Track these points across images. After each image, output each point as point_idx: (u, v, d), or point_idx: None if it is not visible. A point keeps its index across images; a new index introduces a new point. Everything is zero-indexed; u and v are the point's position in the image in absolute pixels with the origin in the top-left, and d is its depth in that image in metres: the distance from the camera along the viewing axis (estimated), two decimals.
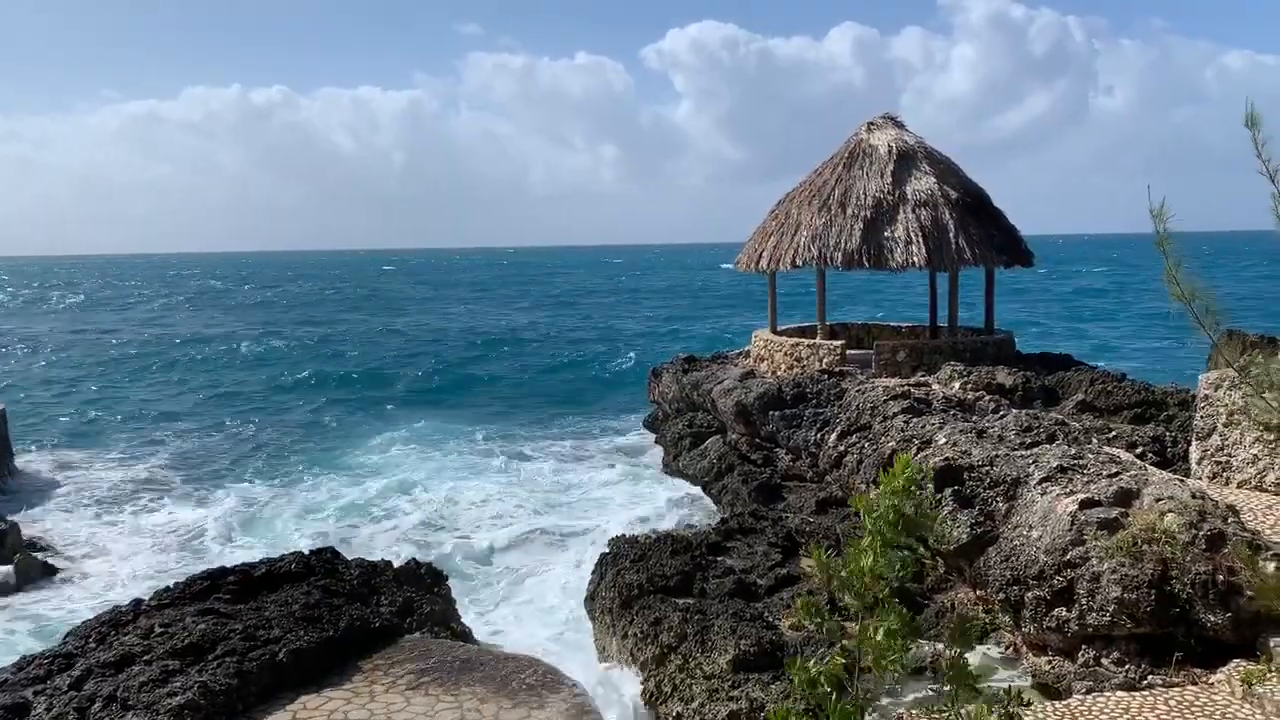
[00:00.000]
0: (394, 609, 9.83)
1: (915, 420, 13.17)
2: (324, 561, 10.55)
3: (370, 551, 15.55)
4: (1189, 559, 8.00)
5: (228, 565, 10.60)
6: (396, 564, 11.35)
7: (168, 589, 9.87)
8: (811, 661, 3.91)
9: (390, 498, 21.04)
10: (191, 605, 9.30)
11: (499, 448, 25.96)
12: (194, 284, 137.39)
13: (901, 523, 3.95)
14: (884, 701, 8.57)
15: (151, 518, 19.92)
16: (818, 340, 21.67)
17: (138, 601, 9.63)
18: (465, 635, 10.54)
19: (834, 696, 3.96)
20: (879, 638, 3.79)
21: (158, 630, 8.62)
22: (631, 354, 46.03)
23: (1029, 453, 10.68)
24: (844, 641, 4.29)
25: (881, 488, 3.96)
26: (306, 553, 10.74)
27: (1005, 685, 6.43)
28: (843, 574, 3.98)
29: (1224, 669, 7.52)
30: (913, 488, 4.06)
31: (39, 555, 16.82)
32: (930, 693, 8.67)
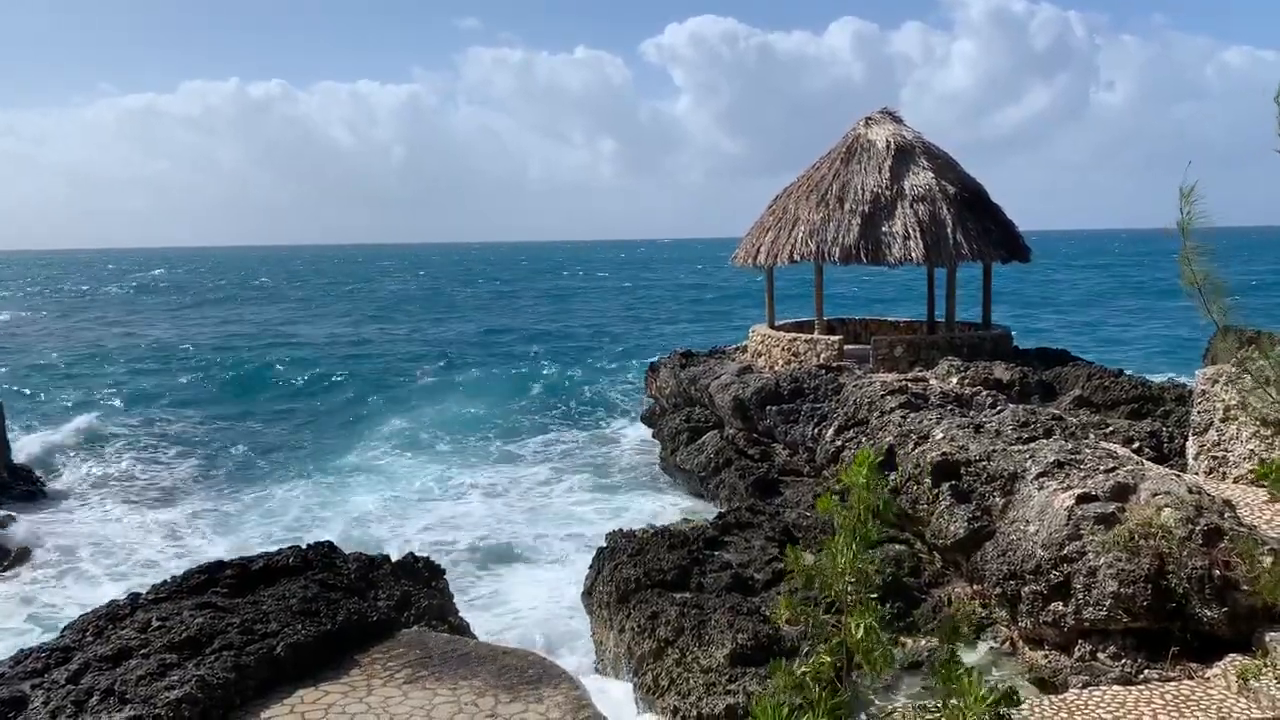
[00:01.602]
0: (391, 603, 9.82)
1: (913, 415, 13.19)
2: (321, 555, 10.54)
3: (368, 546, 15.55)
4: (1185, 554, 8.02)
5: (225, 559, 10.59)
6: (394, 558, 11.35)
7: (165, 583, 9.86)
8: (797, 663, 3.90)
9: (388, 496, 21.05)
10: (189, 599, 9.29)
11: (495, 449, 25.95)
12: (189, 280, 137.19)
13: (873, 517, 3.95)
14: (877, 701, 8.60)
15: (150, 512, 19.91)
16: (815, 335, 21.67)
17: (135, 595, 9.62)
18: (463, 629, 10.54)
19: (824, 695, 3.94)
20: (858, 635, 3.79)
21: (155, 624, 8.61)
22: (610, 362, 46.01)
23: (1026, 448, 10.69)
24: (834, 638, 4.28)
25: (845, 482, 3.95)
26: (304, 547, 10.73)
27: (997, 683, 6.42)
28: (821, 571, 3.97)
29: (1220, 664, 7.55)
30: (874, 482, 4.05)
31: (35, 548, 16.82)
32: (924, 689, 8.69)
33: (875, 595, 4.16)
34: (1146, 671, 7.94)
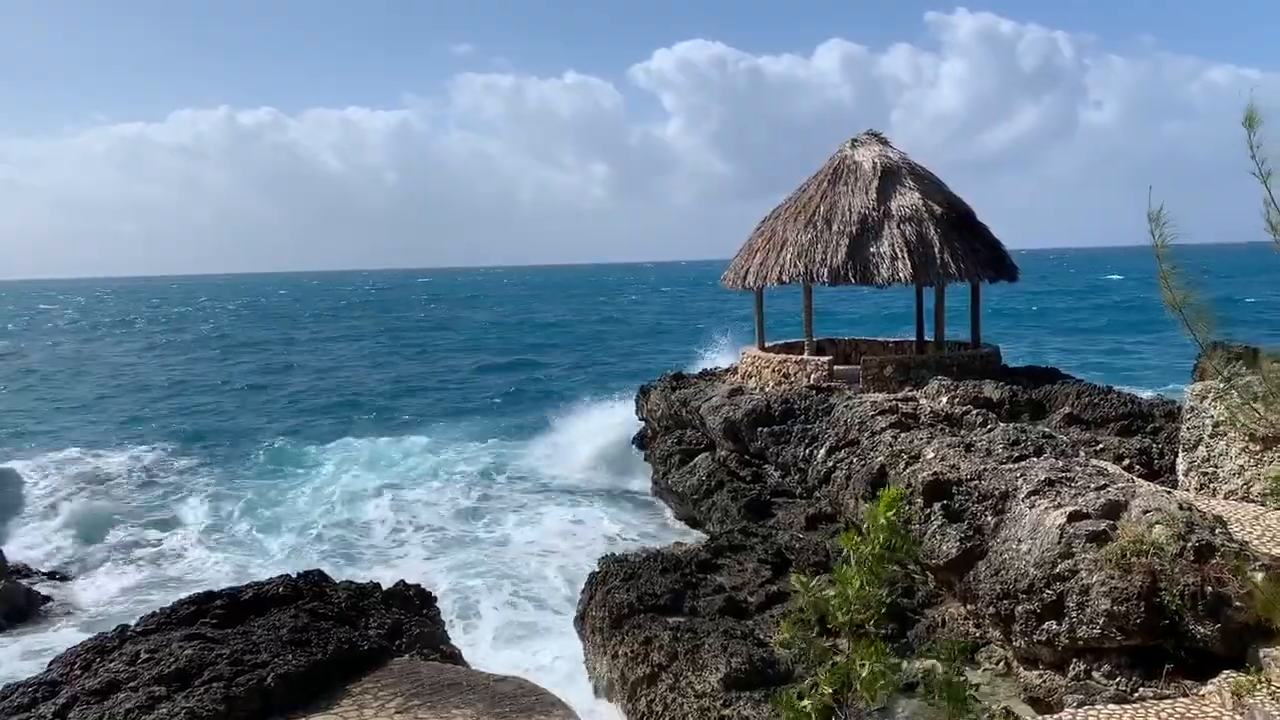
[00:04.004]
0: (383, 631, 9.75)
1: (903, 435, 13.19)
2: (312, 584, 10.47)
3: (358, 574, 15.45)
4: (1177, 570, 8.01)
5: (215, 590, 10.51)
6: (385, 586, 11.27)
7: (154, 614, 9.77)
8: (800, 695, 3.88)
9: (382, 523, 20.95)
10: (178, 630, 9.20)
11: (491, 472, 25.89)
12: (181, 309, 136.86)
13: (889, 553, 3.94)
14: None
15: (139, 545, 19.76)
16: (805, 356, 21.69)
17: (123, 627, 9.53)
18: (455, 657, 10.45)
19: None
20: (864, 674, 3.77)
21: (143, 656, 8.52)
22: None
23: (1017, 466, 10.70)
24: (836, 658, 4.26)
25: (867, 522, 3.94)
26: (294, 576, 10.65)
27: (995, 706, 6.41)
28: (829, 597, 3.96)
29: (1214, 680, 7.52)
30: (897, 516, 4.04)
31: (24, 581, 16.66)
32: (920, 710, 8.64)
33: (882, 631, 4.14)
34: (1141, 690, 7.92)
